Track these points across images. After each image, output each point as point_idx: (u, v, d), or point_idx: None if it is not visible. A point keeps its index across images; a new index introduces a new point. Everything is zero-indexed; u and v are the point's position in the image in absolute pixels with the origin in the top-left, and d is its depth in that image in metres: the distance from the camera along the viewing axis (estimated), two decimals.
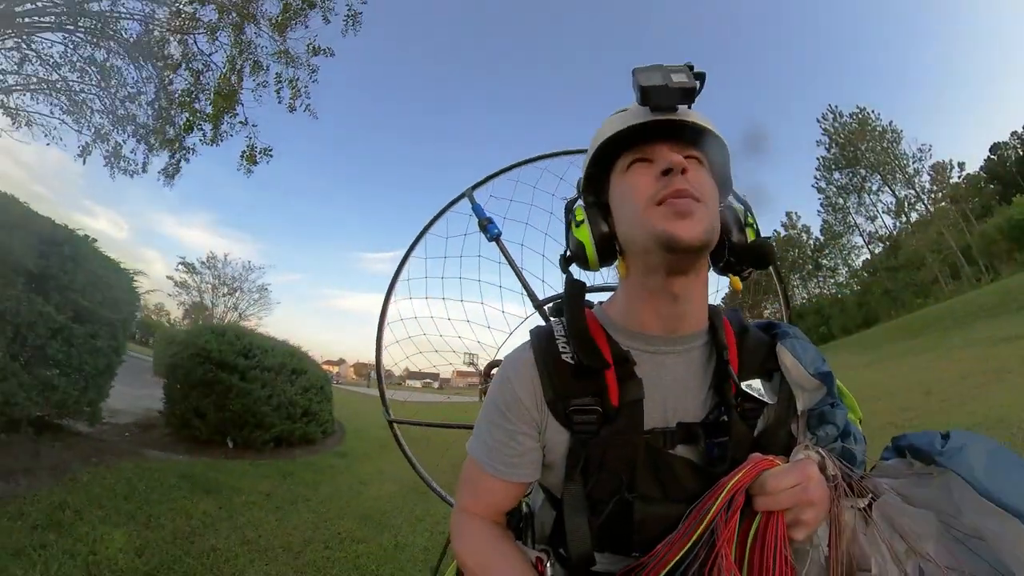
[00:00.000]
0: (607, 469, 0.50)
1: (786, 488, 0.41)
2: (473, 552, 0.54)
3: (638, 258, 0.53)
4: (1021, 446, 2.81)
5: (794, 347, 0.53)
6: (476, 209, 1.22)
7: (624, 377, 0.51)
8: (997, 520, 0.35)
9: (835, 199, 40.92)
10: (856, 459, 0.49)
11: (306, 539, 2.45)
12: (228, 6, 3.93)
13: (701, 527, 0.41)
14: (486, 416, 0.57)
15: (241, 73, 4.24)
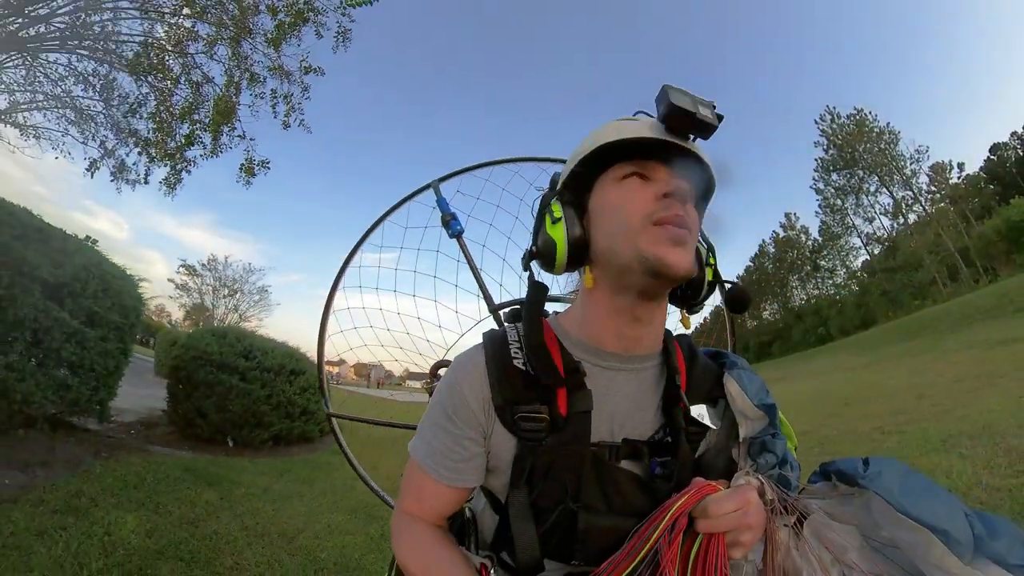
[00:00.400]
0: (553, 478, 0.50)
1: (727, 512, 0.43)
2: (415, 556, 0.53)
3: (612, 274, 0.52)
4: (1003, 455, 2.82)
5: (740, 377, 0.55)
6: (440, 203, 1.18)
7: (574, 388, 0.51)
8: (910, 532, 0.40)
9: (833, 200, 40.96)
10: (791, 484, 0.51)
11: (299, 528, 2.66)
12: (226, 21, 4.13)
13: (645, 548, 0.43)
14: (432, 419, 0.56)
15: (239, 86, 4.46)
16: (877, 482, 0.42)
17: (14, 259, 2.68)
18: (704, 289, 0.56)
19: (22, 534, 1.80)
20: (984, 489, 2.46)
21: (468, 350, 0.58)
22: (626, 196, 0.50)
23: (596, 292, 0.54)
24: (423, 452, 0.56)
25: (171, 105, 4.50)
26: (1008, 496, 2.31)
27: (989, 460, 2.82)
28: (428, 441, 0.55)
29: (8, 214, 2.83)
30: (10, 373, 2.62)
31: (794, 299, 48.72)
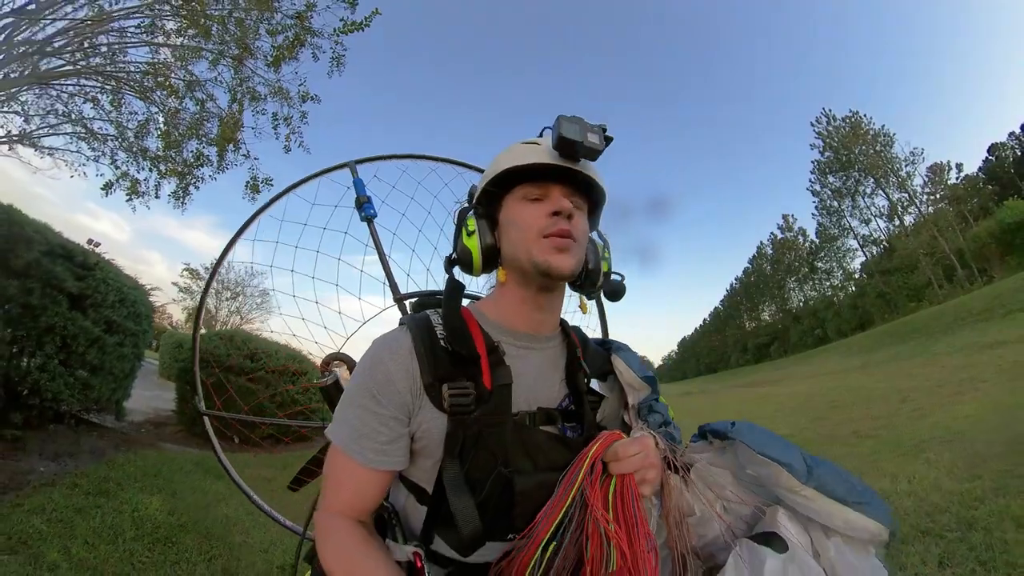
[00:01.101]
0: (482, 447, 0.54)
1: (633, 454, 0.51)
2: (340, 559, 0.51)
3: (517, 273, 0.62)
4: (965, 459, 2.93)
5: (625, 356, 0.65)
6: (357, 184, 1.15)
7: (495, 364, 0.57)
8: (765, 466, 0.51)
9: (829, 202, 41.04)
10: (677, 440, 0.60)
11: (299, 515, 2.95)
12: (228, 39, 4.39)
13: (574, 490, 0.49)
14: (354, 401, 0.56)
15: (242, 104, 4.77)
16: (740, 435, 0.54)
17: (43, 273, 3.01)
18: (600, 279, 0.67)
19: (63, 510, 2.11)
20: (939, 493, 2.53)
21: (388, 332, 0.60)
22: (524, 214, 0.60)
23: (507, 286, 0.63)
24: (346, 436, 0.55)
25: (179, 122, 4.84)
26: (958, 500, 2.38)
27: (951, 465, 2.92)
28: (351, 425, 0.55)
29: (36, 231, 3.16)
30: (42, 374, 2.95)
31: (792, 301, 48.79)
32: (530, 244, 0.58)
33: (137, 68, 4.66)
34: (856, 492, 0.48)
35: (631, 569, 0.45)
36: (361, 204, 1.13)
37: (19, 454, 2.68)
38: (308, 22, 4.14)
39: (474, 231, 0.62)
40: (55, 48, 4.13)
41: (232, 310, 22.08)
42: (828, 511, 0.48)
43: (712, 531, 0.56)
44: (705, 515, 0.56)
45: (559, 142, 0.55)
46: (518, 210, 0.61)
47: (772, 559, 0.47)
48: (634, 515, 0.48)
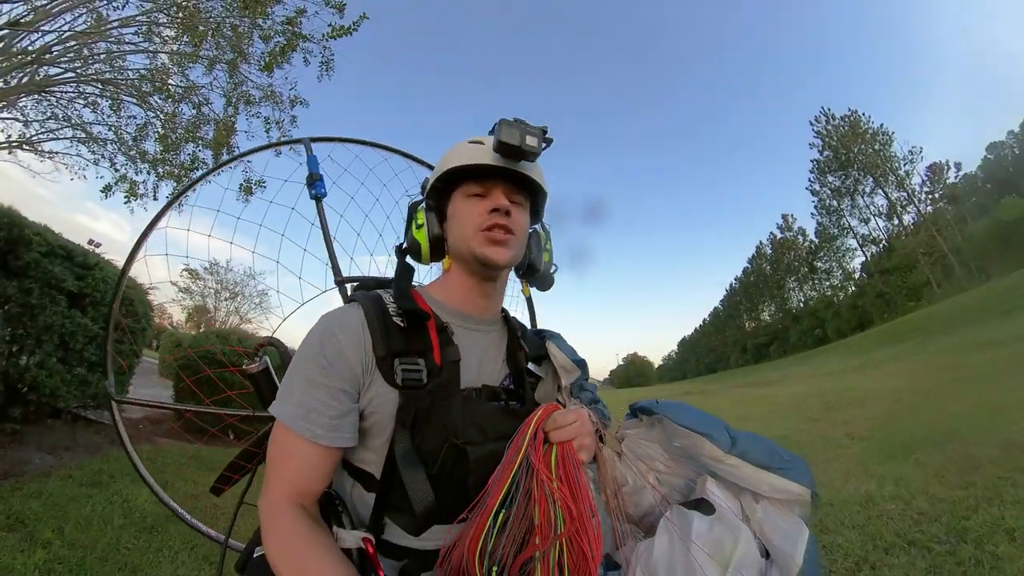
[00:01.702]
0: (433, 421, 0.56)
1: (571, 422, 0.55)
2: (286, 552, 0.49)
3: (461, 263, 0.66)
4: (957, 463, 2.84)
5: (558, 343, 0.72)
6: (311, 161, 1.14)
7: (445, 342, 0.60)
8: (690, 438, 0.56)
9: (829, 202, 41.06)
10: (607, 416, 0.65)
11: None
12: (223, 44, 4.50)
13: (519, 456, 0.52)
14: (303, 375, 0.55)
15: (237, 108, 4.89)
16: (666, 411, 0.59)
17: (43, 274, 3.12)
18: (541, 268, 0.73)
19: (57, 499, 2.22)
20: (928, 499, 2.40)
21: (339, 308, 0.62)
22: (466, 210, 0.64)
23: (453, 272, 0.68)
24: (293, 413, 0.54)
25: (176, 125, 4.96)
26: (949, 506, 2.24)
27: (941, 468, 2.82)
28: (299, 400, 0.54)
29: (36, 234, 3.27)
30: (40, 371, 3.05)
31: (791, 301, 48.69)
32: (470, 237, 0.63)
33: (135, 74, 4.79)
34: (779, 459, 0.52)
35: (578, 529, 0.47)
36: (313, 182, 1.11)
37: (17, 447, 2.78)
38: (298, 27, 4.26)
39: (423, 224, 0.67)
40: (54, 55, 4.26)
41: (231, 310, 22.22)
42: (754, 477, 0.51)
43: (647, 500, 0.59)
44: (638, 485, 0.59)
45: (498, 145, 0.60)
46: (461, 206, 0.65)
47: (699, 520, 0.51)
48: (576, 478, 0.51)
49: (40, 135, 5.02)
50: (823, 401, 7.74)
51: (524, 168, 0.63)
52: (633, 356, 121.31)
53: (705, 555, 0.48)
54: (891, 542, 2.02)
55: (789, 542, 0.49)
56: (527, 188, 0.67)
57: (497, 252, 0.62)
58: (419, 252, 0.68)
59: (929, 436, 3.66)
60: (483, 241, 0.62)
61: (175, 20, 4.37)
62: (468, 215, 0.64)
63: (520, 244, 0.66)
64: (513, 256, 0.65)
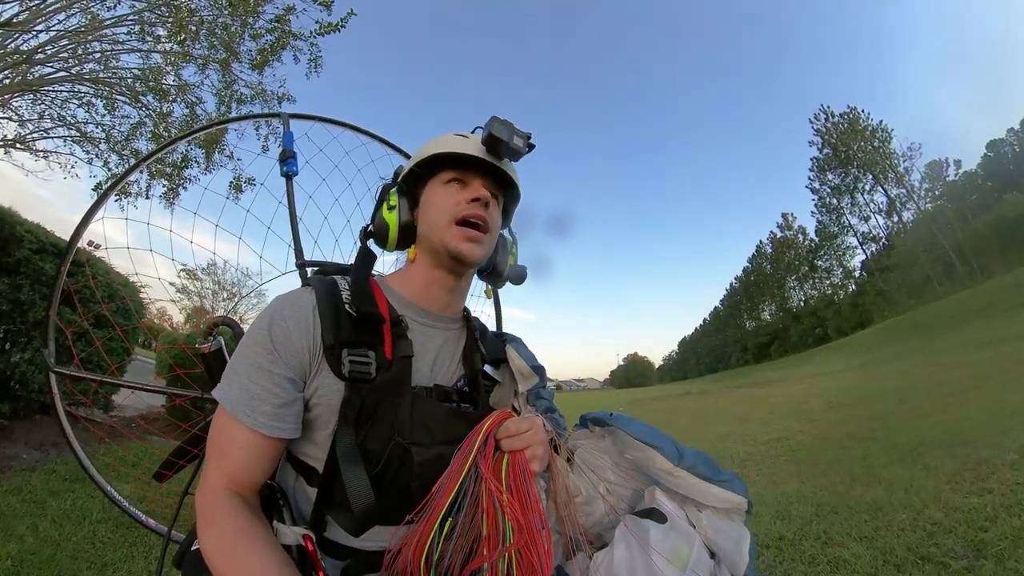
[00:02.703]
0: (379, 418, 0.53)
1: (524, 431, 0.53)
2: (222, 545, 0.46)
3: (429, 254, 0.64)
4: (971, 468, 2.65)
5: (518, 347, 0.69)
6: (286, 137, 1.11)
7: (398, 336, 0.58)
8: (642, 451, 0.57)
9: (829, 199, 41.04)
10: (562, 426, 0.64)
11: None
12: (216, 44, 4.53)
13: (468, 463, 0.50)
14: (248, 359, 0.53)
15: (229, 107, 4.92)
16: (618, 423, 0.59)
17: (33, 270, 3.14)
18: (505, 271, 0.72)
19: (39, 493, 2.23)
20: (941, 508, 2.22)
21: (292, 291, 0.59)
22: (444, 197, 0.62)
23: (418, 264, 0.66)
24: (236, 397, 0.51)
25: (168, 125, 4.99)
26: (964, 518, 2.05)
27: (954, 474, 2.63)
28: (243, 385, 0.51)
29: (27, 231, 3.29)
30: (30, 367, 3.06)
31: (792, 300, 48.56)
32: (444, 228, 0.61)
33: (129, 73, 4.82)
34: (720, 473, 0.55)
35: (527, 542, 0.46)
36: (285, 158, 1.09)
37: (5, 442, 2.79)
38: (287, 25, 4.28)
39: (395, 206, 0.65)
40: (47, 55, 4.29)
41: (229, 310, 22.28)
42: (699, 488, 0.54)
43: (598, 511, 0.60)
44: (590, 495, 0.59)
45: (488, 138, 0.59)
46: (439, 192, 0.63)
47: (655, 528, 0.53)
48: (526, 489, 0.49)
49: (33, 134, 5.05)
50: (824, 401, 7.62)
51: (506, 166, 0.63)
52: (634, 356, 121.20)
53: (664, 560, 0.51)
54: (903, 557, 1.83)
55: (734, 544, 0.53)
56: (503, 188, 0.67)
57: (471, 249, 0.61)
58: (386, 236, 0.65)
59: (937, 438, 3.46)
60: (456, 235, 0.61)
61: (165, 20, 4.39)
62: (444, 202, 0.62)
63: (492, 242, 0.65)
64: (484, 254, 0.64)
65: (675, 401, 14.71)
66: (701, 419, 8.84)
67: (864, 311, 34.28)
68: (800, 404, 8.03)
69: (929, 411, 4.64)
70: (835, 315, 38.40)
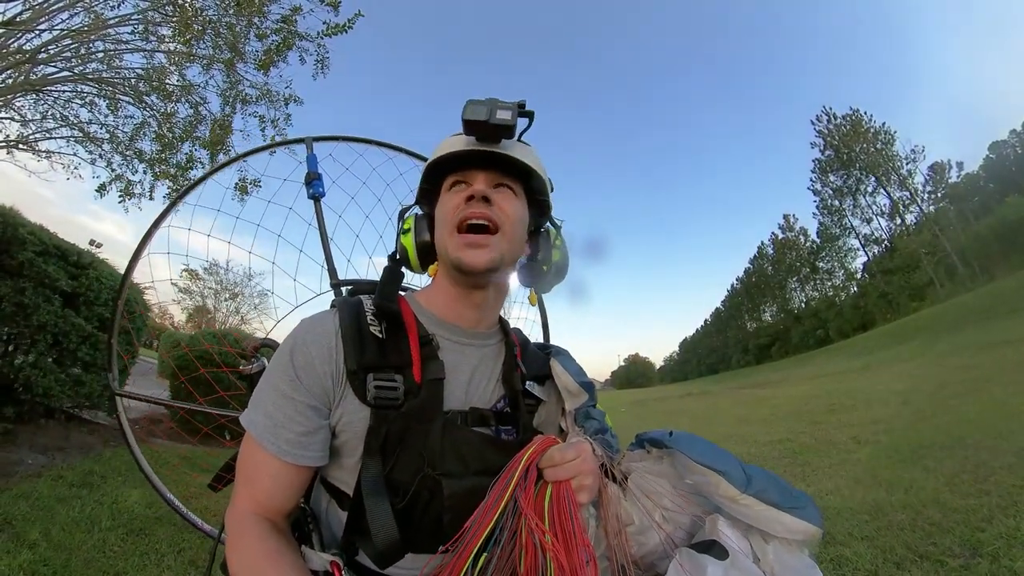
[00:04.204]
0: (408, 446, 0.50)
1: (570, 460, 0.48)
2: (247, 569, 0.46)
3: (445, 267, 0.60)
4: (970, 470, 2.70)
5: (564, 362, 0.64)
6: (310, 160, 1.11)
7: (428, 357, 0.54)
8: (704, 476, 0.50)
9: (831, 201, 41.02)
10: (614, 448, 0.58)
11: None
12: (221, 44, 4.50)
13: (506, 497, 0.45)
14: (272, 385, 0.51)
15: (234, 107, 4.89)
16: (678, 444, 0.53)
17: (37, 273, 3.11)
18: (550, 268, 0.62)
19: (46, 500, 2.20)
20: (939, 508, 2.29)
21: (316, 314, 0.57)
22: (446, 204, 0.58)
23: (439, 280, 0.62)
24: (261, 425, 0.50)
25: (172, 125, 4.96)
26: (962, 517, 2.12)
27: (953, 476, 2.68)
28: (267, 412, 0.50)
29: (30, 233, 3.26)
30: (34, 370, 3.04)
31: (793, 301, 48.57)
32: (445, 239, 0.57)
33: (132, 73, 4.79)
34: (791, 497, 0.50)
35: None
36: (311, 181, 1.08)
37: (9, 447, 2.77)
38: (294, 25, 4.25)
39: (409, 229, 0.62)
40: (50, 55, 4.26)
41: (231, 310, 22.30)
42: (766, 516, 0.49)
43: (652, 540, 0.55)
44: (644, 524, 0.54)
45: (465, 126, 0.53)
46: (442, 201, 0.59)
47: (713, 566, 0.48)
48: (571, 524, 0.45)
49: (36, 134, 5.03)
50: (826, 403, 7.58)
51: (506, 148, 0.55)
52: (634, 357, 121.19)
53: None
54: (902, 555, 1.92)
55: None
56: (518, 174, 0.59)
57: (472, 256, 0.54)
58: (407, 260, 0.62)
59: (938, 441, 3.51)
60: (457, 244, 0.55)
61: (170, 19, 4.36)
62: (443, 209, 0.58)
63: (509, 240, 0.56)
64: (494, 258, 0.55)
65: (676, 402, 14.69)
66: (702, 420, 8.84)
67: (866, 313, 34.29)
68: (802, 406, 8.00)
69: (931, 413, 4.65)
70: (836, 317, 38.36)
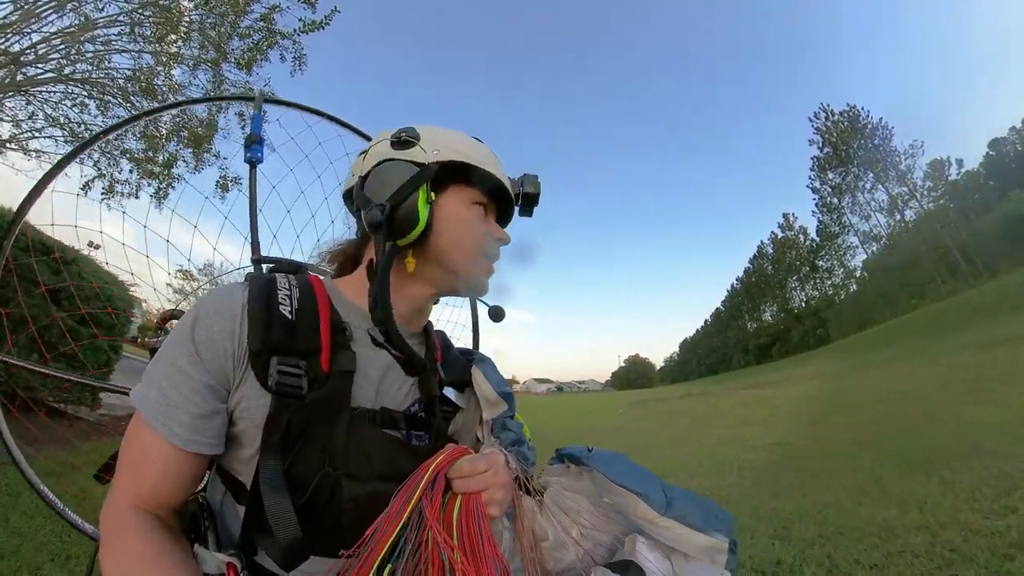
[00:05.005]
0: (310, 440, 0.47)
1: (481, 472, 0.47)
2: (127, 572, 0.41)
3: (436, 271, 0.56)
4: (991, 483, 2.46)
5: (485, 369, 0.62)
6: (255, 121, 1.04)
7: (339, 346, 0.50)
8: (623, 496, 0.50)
9: (829, 199, 40.92)
10: (530, 461, 0.56)
11: None
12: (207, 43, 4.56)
13: (410, 507, 0.43)
14: (169, 359, 0.47)
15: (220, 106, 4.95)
16: (597, 462, 0.52)
17: (19, 268, 3.14)
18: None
19: (14, 486, 2.23)
20: (960, 529, 2.03)
21: (225, 286, 0.53)
22: (474, 222, 0.57)
23: (405, 276, 0.56)
24: (153, 402, 0.45)
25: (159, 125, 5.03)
26: (986, 541, 1.86)
27: (973, 490, 2.42)
28: (161, 388, 0.46)
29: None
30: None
31: (793, 300, 48.40)
32: (473, 256, 0.56)
33: (120, 74, 4.87)
34: (714, 520, 0.49)
35: None
36: (251, 143, 1.00)
37: None
38: (273, 23, 4.31)
39: (432, 202, 0.53)
40: (38, 55, 4.33)
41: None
42: (687, 539, 0.48)
43: (569, 556, 0.54)
44: (561, 540, 0.53)
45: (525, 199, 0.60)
46: (463, 212, 0.56)
47: None
48: (480, 539, 0.43)
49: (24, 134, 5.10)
50: (827, 404, 7.43)
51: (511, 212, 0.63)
52: (635, 358, 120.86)
53: None
54: None
55: None
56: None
57: (487, 286, 0.60)
58: (408, 229, 0.52)
59: (951, 447, 3.23)
60: (484, 269, 0.58)
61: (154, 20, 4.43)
62: (476, 228, 0.57)
63: None
64: None
65: (676, 403, 14.55)
66: (701, 421, 8.74)
67: (866, 311, 34.05)
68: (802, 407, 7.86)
69: (939, 416, 4.40)
70: (837, 316, 38.15)
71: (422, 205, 0.52)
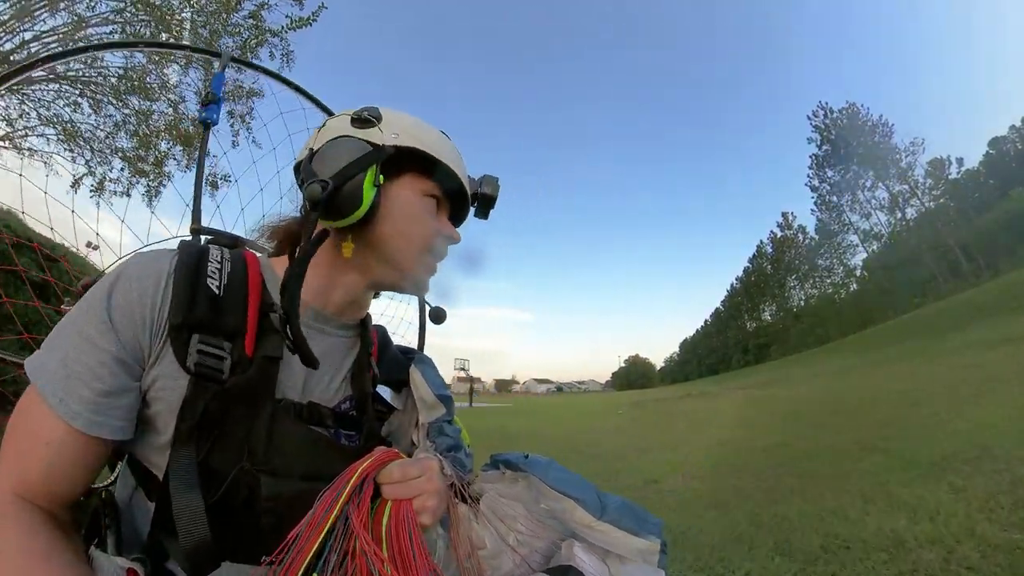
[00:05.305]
0: (227, 431, 0.43)
1: (412, 477, 0.44)
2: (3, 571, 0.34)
3: (374, 260, 0.52)
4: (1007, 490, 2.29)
5: (424, 370, 0.60)
6: (216, 80, 0.98)
7: (266, 330, 0.46)
8: (559, 501, 0.51)
9: (828, 197, 40.84)
10: (466, 468, 0.56)
11: None
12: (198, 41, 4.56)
13: (335, 512, 0.40)
14: (76, 327, 0.41)
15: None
16: (533, 468, 0.53)
17: (9, 264, 3.16)
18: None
19: None
20: (976, 544, 1.85)
21: (153, 251, 0.47)
22: (424, 215, 0.53)
23: (340, 262, 0.52)
24: (51, 373, 0.40)
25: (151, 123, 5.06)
26: (1007, 560, 1.69)
27: (989, 498, 2.24)
28: (62, 359, 0.40)
29: (5, 225, 3.32)
30: None
31: (793, 300, 48.30)
32: (417, 251, 0.52)
33: (113, 73, 4.90)
34: (646, 524, 0.50)
35: None
36: (208, 102, 0.95)
37: None
38: (262, 21, 4.34)
39: (379, 186, 0.48)
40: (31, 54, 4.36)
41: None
42: (622, 542, 0.50)
43: (506, 564, 0.53)
44: (497, 547, 0.53)
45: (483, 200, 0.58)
46: (414, 202, 0.52)
47: None
48: (411, 549, 0.41)
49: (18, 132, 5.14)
50: (829, 404, 7.21)
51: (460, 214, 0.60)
52: (635, 358, 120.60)
53: None
54: None
55: None
56: None
57: (428, 285, 0.56)
58: (348, 211, 0.47)
59: (960, 450, 3.03)
60: (427, 267, 0.54)
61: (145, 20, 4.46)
62: (424, 223, 0.52)
63: None
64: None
65: (675, 403, 14.42)
66: (699, 423, 8.58)
67: (866, 310, 33.91)
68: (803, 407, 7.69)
69: (945, 417, 4.22)
70: (836, 315, 37.98)
71: (368, 187, 0.47)
